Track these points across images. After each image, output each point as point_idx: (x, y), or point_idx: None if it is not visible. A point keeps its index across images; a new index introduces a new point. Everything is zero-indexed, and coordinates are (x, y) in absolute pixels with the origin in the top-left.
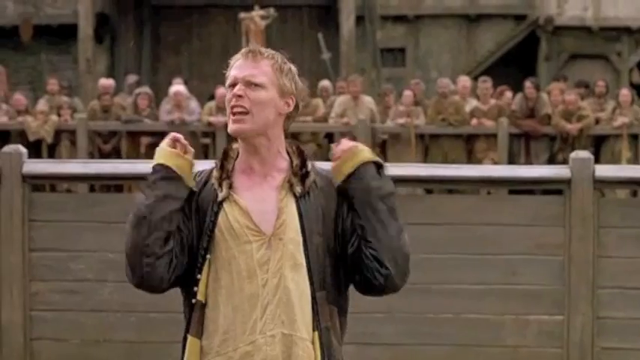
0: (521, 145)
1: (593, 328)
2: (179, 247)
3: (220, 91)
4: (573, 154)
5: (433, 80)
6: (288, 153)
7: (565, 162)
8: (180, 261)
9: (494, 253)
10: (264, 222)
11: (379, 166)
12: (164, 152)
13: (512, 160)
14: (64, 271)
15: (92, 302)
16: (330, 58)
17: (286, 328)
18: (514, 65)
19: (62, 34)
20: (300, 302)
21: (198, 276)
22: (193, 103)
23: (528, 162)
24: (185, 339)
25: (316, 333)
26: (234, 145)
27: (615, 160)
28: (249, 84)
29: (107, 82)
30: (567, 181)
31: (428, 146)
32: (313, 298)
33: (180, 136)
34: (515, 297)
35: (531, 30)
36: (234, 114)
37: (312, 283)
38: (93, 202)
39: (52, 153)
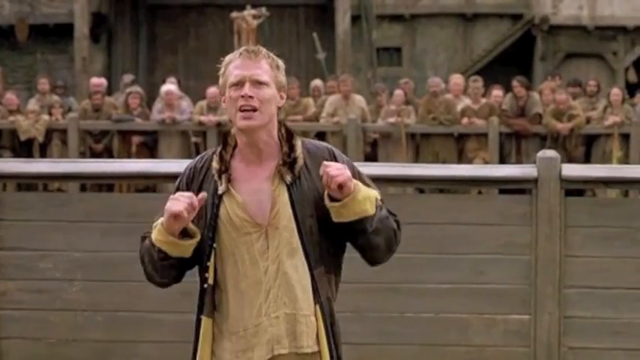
0: (512, 145)
1: (560, 328)
2: None
3: (211, 90)
4: (540, 154)
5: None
6: (279, 138)
7: None
8: (191, 258)
9: (461, 252)
10: (260, 213)
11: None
12: (165, 241)
13: (503, 160)
14: (32, 270)
15: (60, 301)
16: (326, 58)
17: (288, 308)
18: (511, 65)
19: (58, 34)
20: (300, 283)
21: (208, 263)
22: (185, 103)
23: (519, 161)
24: (199, 320)
25: (317, 306)
26: (233, 131)
27: (606, 159)
28: (256, 83)
29: (98, 80)
30: (534, 181)
31: (419, 145)
32: (312, 276)
33: (184, 206)
34: (482, 296)
35: (527, 29)
36: (243, 111)
37: (309, 264)
38: (61, 202)
39: (44, 152)
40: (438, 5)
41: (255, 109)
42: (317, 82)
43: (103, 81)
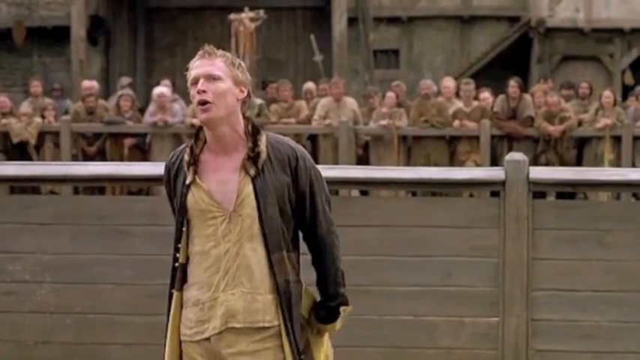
0: (504, 147)
1: (528, 330)
2: None
3: None
4: (508, 156)
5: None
6: (245, 133)
7: (548, 164)
8: None
9: (429, 255)
10: (226, 200)
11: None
12: None
13: (494, 162)
14: (1, 272)
15: (30, 303)
16: (323, 60)
17: (245, 287)
18: (508, 67)
19: (56, 36)
20: (258, 265)
21: (179, 244)
22: (177, 105)
23: None
24: (170, 295)
25: (275, 288)
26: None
27: (598, 161)
28: (209, 78)
29: (90, 83)
30: (502, 183)
31: (410, 148)
32: (269, 260)
33: None
34: (450, 299)
35: (524, 32)
36: (200, 105)
37: (267, 249)
38: (30, 204)
39: (38, 155)
40: (435, 8)
41: (210, 102)
42: (309, 85)
43: (95, 84)
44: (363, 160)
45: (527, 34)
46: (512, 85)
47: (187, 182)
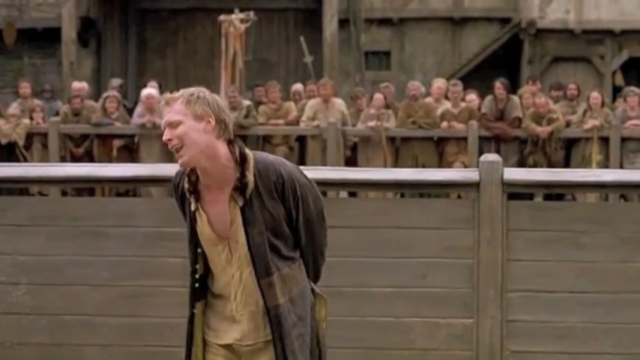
0: (492, 148)
1: (502, 332)
2: None
3: None
4: (482, 157)
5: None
6: (234, 161)
7: (535, 165)
8: None
9: (404, 256)
10: (223, 230)
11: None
12: None
13: None
14: None
15: (5, 305)
16: (313, 62)
17: (251, 306)
18: (499, 68)
19: (47, 38)
20: (257, 289)
21: (197, 266)
22: None
23: None
24: (192, 315)
25: (265, 312)
26: None
27: (586, 163)
28: (170, 125)
29: (80, 85)
30: (476, 184)
31: (398, 149)
32: (259, 285)
33: None
34: (425, 300)
35: (514, 33)
36: (175, 151)
37: (256, 275)
38: (5, 206)
39: (26, 156)
40: (426, 9)
41: (180, 146)
42: (297, 87)
43: (85, 85)
44: (351, 162)
45: (517, 35)
46: (499, 86)
47: (192, 209)
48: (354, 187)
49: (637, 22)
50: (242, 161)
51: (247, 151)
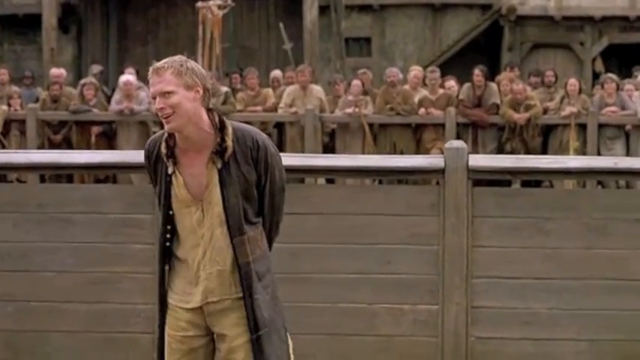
0: (469, 135)
1: (468, 318)
2: None
3: None
4: (447, 144)
5: (399, 70)
6: (213, 127)
7: (513, 152)
8: None
9: (369, 242)
10: (198, 192)
11: None
12: None
13: None
14: None
15: None
16: (294, 48)
17: (220, 265)
18: (480, 55)
19: (27, 24)
20: (229, 246)
21: (168, 226)
22: (143, 93)
23: (475, 151)
24: (162, 270)
25: (236, 268)
26: None
27: (563, 149)
28: (162, 94)
29: (58, 71)
30: (441, 171)
31: (376, 136)
32: (232, 244)
33: None
34: (390, 286)
35: (495, 20)
36: (163, 118)
37: (230, 234)
38: None
39: (4, 143)
40: None
41: (171, 113)
42: (276, 73)
43: (63, 72)
44: (329, 149)
45: (498, 21)
46: (477, 73)
47: (169, 172)
48: (316, 174)
49: (617, 9)
50: (221, 127)
51: (224, 118)
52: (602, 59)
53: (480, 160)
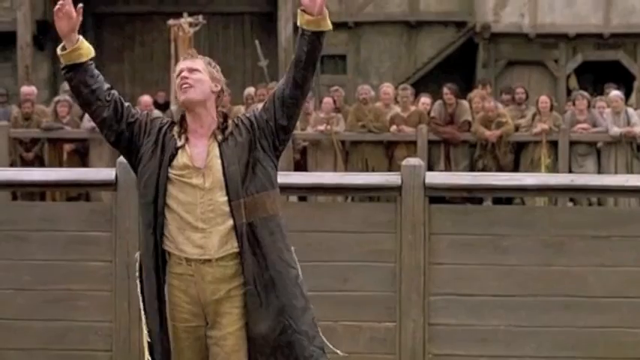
0: (442, 152)
1: (425, 335)
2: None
3: (144, 98)
4: (404, 162)
5: (374, 87)
6: (218, 116)
7: (485, 169)
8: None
9: (326, 259)
10: (200, 162)
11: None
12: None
13: (431, 167)
14: None
15: None
16: (269, 66)
17: (219, 224)
18: (455, 72)
19: (2, 42)
20: (227, 207)
21: (165, 191)
22: None
23: (448, 169)
24: (156, 241)
25: (235, 229)
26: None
27: (535, 166)
28: (191, 70)
29: (29, 89)
30: (398, 188)
31: (348, 153)
32: (230, 206)
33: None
34: (347, 303)
35: (469, 37)
36: (182, 87)
37: (228, 198)
38: None
39: None
40: (382, 13)
41: (191, 86)
42: (249, 90)
43: (34, 89)
44: (300, 166)
45: (472, 39)
46: (446, 91)
47: (178, 145)
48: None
49: (591, 26)
50: (225, 116)
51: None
52: (576, 76)
53: (437, 178)
